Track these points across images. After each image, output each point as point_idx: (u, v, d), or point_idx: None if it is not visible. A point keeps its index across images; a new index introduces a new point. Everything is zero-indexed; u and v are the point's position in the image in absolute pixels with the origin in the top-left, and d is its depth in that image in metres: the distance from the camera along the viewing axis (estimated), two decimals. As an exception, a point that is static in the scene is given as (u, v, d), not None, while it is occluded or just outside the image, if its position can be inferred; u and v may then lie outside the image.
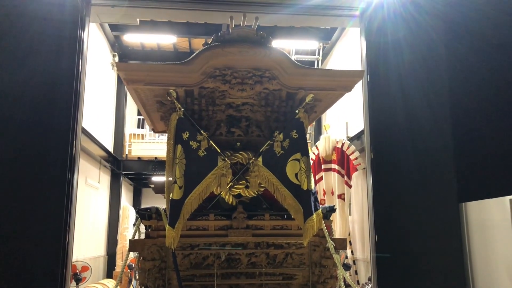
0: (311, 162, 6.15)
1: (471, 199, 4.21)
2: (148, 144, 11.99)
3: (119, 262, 10.44)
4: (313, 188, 2.78)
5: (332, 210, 3.05)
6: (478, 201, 4.18)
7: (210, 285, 2.81)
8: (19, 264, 3.65)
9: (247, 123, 3.05)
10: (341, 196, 7.20)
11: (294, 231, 2.91)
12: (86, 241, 9.13)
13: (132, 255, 6.83)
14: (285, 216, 2.93)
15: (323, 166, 7.58)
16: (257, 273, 2.86)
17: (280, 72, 2.82)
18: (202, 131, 2.79)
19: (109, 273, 10.56)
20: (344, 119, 8.64)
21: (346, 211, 7.16)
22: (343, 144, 7.25)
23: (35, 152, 3.82)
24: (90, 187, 9.46)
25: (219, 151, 2.77)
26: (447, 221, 4.21)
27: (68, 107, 3.95)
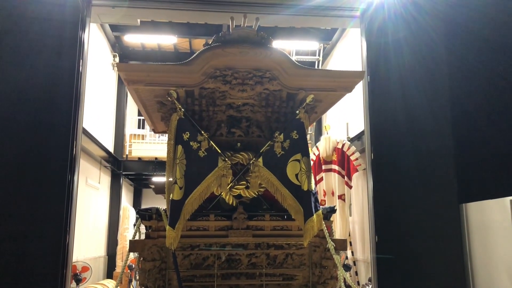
0: (312, 163, 6.16)
1: (472, 200, 4.21)
2: (149, 145, 12.01)
3: (119, 263, 10.44)
4: (314, 189, 2.78)
5: (333, 211, 3.05)
6: (479, 202, 4.18)
7: (210, 286, 2.81)
8: (19, 264, 3.64)
9: (248, 124, 3.05)
10: (342, 197, 7.20)
11: (295, 232, 2.91)
12: (86, 242, 9.13)
13: (132, 256, 6.82)
14: (286, 217, 2.93)
15: (324, 167, 7.59)
16: (257, 274, 2.86)
17: (281, 73, 2.82)
18: (203, 132, 2.79)
19: (109, 274, 10.57)
20: (345, 120, 8.64)
21: (347, 212, 7.15)
22: (344, 145, 7.25)
23: (36, 152, 3.82)
24: (91, 188, 9.46)
25: (220, 152, 2.78)
26: (448, 222, 4.20)
27: (69, 108, 3.95)
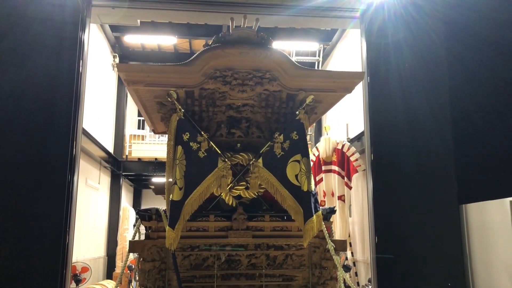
0: (311, 164, 6.16)
1: (471, 201, 4.22)
2: (148, 145, 12.01)
3: (119, 263, 10.44)
4: (313, 190, 2.78)
5: (332, 212, 3.05)
6: (478, 203, 4.19)
7: (210, 286, 2.80)
8: (19, 265, 3.64)
9: (248, 124, 3.05)
10: (341, 198, 7.20)
11: (294, 233, 2.91)
12: (86, 242, 9.12)
13: (132, 256, 6.82)
14: (285, 218, 2.93)
15: (323, 168, 7.58)
16: (257, 275, 2.86)
17: (281, 74, 2.82)
18: (203, 132, 2.79)
19: (109, 274, 10.56)
20: (345, 121, 8.64)
21: (346, 213, 7.15)
22: (343, 146, 7.25)
23: (36, 153, 3.82)
24: (90, 188, 9.46)
25: (220, 152, 2.77)
26: (447, 223, 4.20)
27: (69, 108, 3.95)
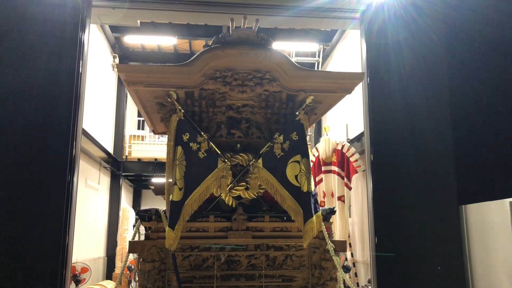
0: (311, 164, 6.16)
1: (471, 202, 4.21)
2: (148, 146, 12.01)
3: (119, 264, 10.44)
4: (313, 190, 2.78)
5: (332, 212, 3.06)
6: (478, 204, 4.18)
7: (210, 287, 2.80)
8: (19, 265, 3.64)
9: (247, 125, 3.05)
10: (341, 198, 7.20)
11: (294, 233, 2.91)
12: (86, 242, 9.12)
13: (132, 257, 6.81)
14: (285, 218, 2.93)
15: (323, 168, 7.59)
16: (257, 275, 2.86)
17: (281, 74, 2.82)
18: (202, 133, 2.79)
19: (109, 275, 10.56)
20: (344, 121, 8.64)
21: (346, 213, 7.16)
22: (343, 146, 7.25)
23: (35, 153, 3.81)
24: (90, 188, 9.46)
25: (219, 153, 2.77)
26: (447, 224, 4.20)
27: (69, 108, 3.94)
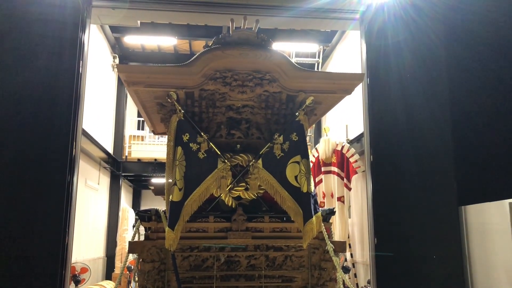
0: (311, 165, 6.16)
1: (471, 203, 4.21)
2: (148, 146, 12.00)
3: (118, 264, 10.43)
4: (313, 191, 2.78)
5: (332, 213, 3.06)
6: (478, 205, 4.18)
7: (209, 287, 2.80)
8: (19, 265, 3.64)
9: (247, 125, 3.05)
10: (341, 199, 7.20)
11: (294, 234, 2.91)
12: (86, 243, 9.12)
13: (131, 257, 6.81)
14: (285, 219, 2.92)
15: (323, 169, 7.59)
16: (257, 276, 2.86)
17: (281, 75, 2.82)
18: (202, 133, 2.79)
19: (108, 275, 10.55)
20: (344, 122, 8.65)
21: (346, 214, 7.16)
22: (343, 147, 7.25)
23: (35, 153, 3.81)
24: (90, 189, 9.45)
25: (219, 153, 2.78)
26: (447, 224, 4.21)
27: (69, 109, 3.95)
